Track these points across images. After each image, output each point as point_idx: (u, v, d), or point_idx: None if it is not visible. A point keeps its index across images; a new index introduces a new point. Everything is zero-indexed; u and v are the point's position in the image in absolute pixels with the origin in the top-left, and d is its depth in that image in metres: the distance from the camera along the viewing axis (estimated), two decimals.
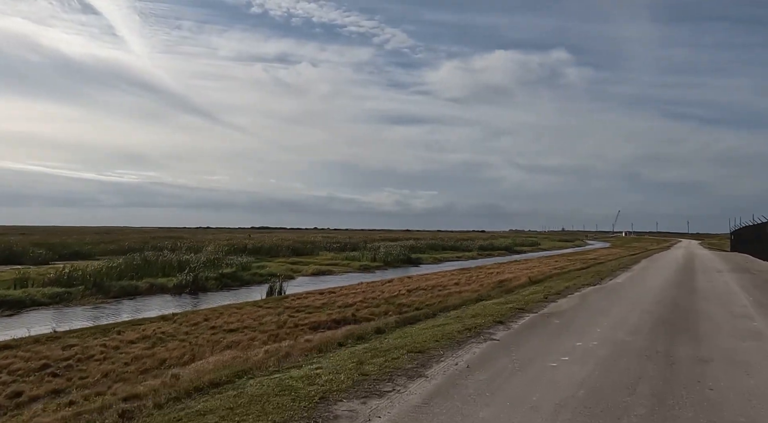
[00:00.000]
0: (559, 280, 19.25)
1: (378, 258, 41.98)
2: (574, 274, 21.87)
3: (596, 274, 21.54)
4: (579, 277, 19.80)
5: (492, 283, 21.26)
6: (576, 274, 22.14)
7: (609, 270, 24.45)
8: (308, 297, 17.30)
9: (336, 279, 31.21)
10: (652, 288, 16.40)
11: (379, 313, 13.12)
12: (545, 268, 29.27)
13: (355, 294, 17.75)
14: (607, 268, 25.08)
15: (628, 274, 21.86)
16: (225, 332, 10.76)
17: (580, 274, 22.18)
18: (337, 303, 15.33)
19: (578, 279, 18.92)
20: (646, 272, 23.51)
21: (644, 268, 26.18)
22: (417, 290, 18.84)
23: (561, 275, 21.78)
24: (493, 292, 17.38)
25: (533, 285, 18.01)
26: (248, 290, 24.82)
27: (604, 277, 20.07)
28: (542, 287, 16.45)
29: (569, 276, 21.21)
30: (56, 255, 38.88)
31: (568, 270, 25.55)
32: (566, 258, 43.32)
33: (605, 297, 13.78)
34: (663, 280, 19.25)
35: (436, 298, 16.16)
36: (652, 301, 12.76)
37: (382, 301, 15.50)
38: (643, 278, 20.28)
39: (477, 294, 16.23)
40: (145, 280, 23.30)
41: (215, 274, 26.00)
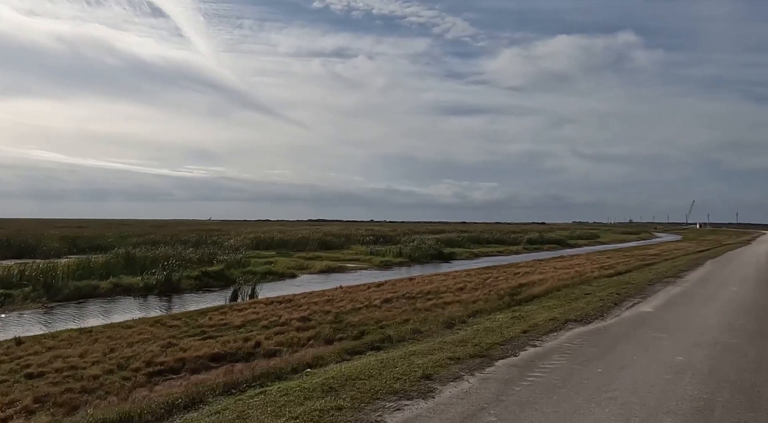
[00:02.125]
0: (583, 287, 14.66)
1: (404, 253, 37.87)
2: (597, 286, 16.79)
3: (624, 286, 15.22)
4: (599, 291, 14.38)
5: (507, 288, 16.76)
6: (597, 286, 17.24)
7: (658, 274, 19.00)
8: (255, 306, 13.56)
9: (345, 277, 27.46)
10: (702, 329, 9.40)
11: (296, 342, 9.19)
12: (588, 267, 24.21)
13: (314, 303, 13.84)
14: (643, 277, 18.61)
15: (674, 290, 14.91)
16: None
17: (599, 287, 17.02)
18: (271, 318, 11.50)
19: (596, 294, 13.99)
20: (705, 285, 16.38)
21: (704, 278, 18.63)
22: (398, 299, 14.70)
23: (586, 282, 16.92)
24: (500, 302, 13.05)
25: (545, 298, 13.54)
26: (228, 292, 21.54)
27: (633, 293, 13.92)
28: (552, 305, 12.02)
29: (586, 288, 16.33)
30: (74, 249, 37.48)
31: (605, 271, 20.49)
32: (622, 253, 37.51)
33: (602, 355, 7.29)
34: (733, 304, 12.45)
35: (406, 314, 11.97)
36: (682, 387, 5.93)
37: (329, 318, 11.49)
38: (699, 297, 13.63)
39: (471, 310, 11.97)
40: (110, 279, 20.40)
41: (197, 273, 22.87)
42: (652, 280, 17.55)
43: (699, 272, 21.17)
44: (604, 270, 21.75)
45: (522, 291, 16.06)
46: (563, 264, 27.81)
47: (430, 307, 12.83)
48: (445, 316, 10.39)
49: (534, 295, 13.62)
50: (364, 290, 16.98)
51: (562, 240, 62.62)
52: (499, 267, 26.96)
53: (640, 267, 22.45)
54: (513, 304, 12.86)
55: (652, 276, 18.75)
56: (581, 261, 30.53)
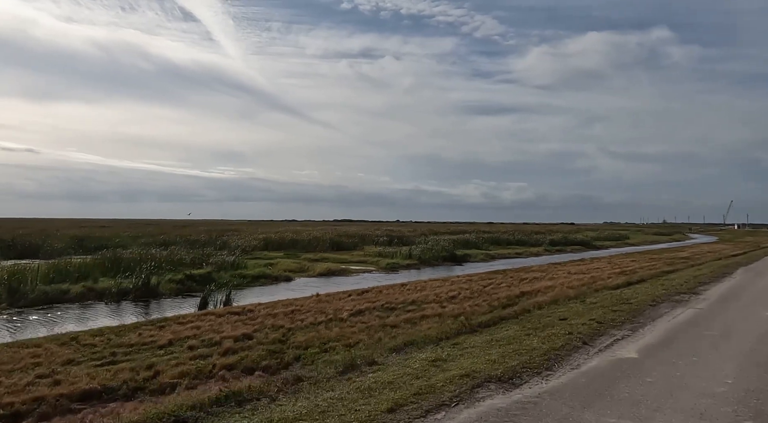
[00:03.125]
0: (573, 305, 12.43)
1: (413, 255, 35.88)
2: (588, 303, 14.40)
3: (619, 306, 11.46)
4: (586, 312, 11.07)
5: (503, 299, 14.71)
6: (601, 300, 14.88)
7: (671, 288, 15.27)
8: (203, 319, 11.85)
9: (346, 281, 25.74)
10: (705, 404, 5.62)
11: (207, 371, 7.43)
12: (605, 273, 21.85)
13: (273, 316, 12.05)
14: (661, 287, 15.39)
15: (683, 316, 10.93)
16: None
17: (601, 305, 14.56)
18: (208, 335, 9.76)
19: (594, 313, 11.05)
20: (728, 308, 12.18)
21: (729, 294, 14.50)
22: (372, 311, 12.81)
23: (584, 295, 14.58)
24: (482, 318, 11.07)
25: (514, 322, 11.43)
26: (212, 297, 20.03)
27: (623, 320, 10.19)
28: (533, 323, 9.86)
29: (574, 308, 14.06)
30: (80, 250, 36.75)
31: (619, 278, 18.14)
32: (648, 256, 34.71)
33: None
34: (765, 346, 8.40)
35: (367, 332, 10.07)
36: None
37: (275, 337, 9.66)
38: (715, 329, 9.59)
39: (440, 330, 10.08)
40: (82, 283, 19.08)
41: (181, 276, 21.42)
42: (660, 297, 13.59)
43: (724, 285, 17.04)
44: (620, 276, 19.41)
45: (519, 301, 14.00)
46: (579, 268, 25.44)
47: (401, 323, 10.92)
48: (402, 338, 8.46)
49: (523, 310, 11.52)
50: (343, 298, 15.15)
51: (588, 241, 59.52)
52: (509, 271, 24.76)
53: (658, 274, 19.68)
54: (482, 325, 10.77)
55: (662, 291, 14.82)
56: (601, 265, 28.06)
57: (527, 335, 8.57)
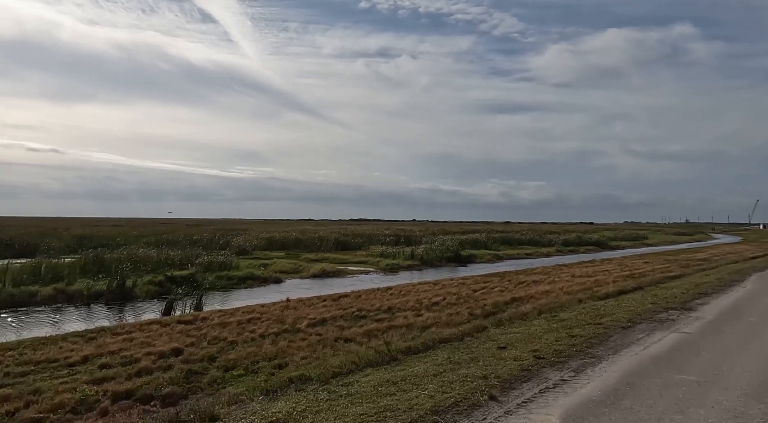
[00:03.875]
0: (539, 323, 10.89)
1: (416, 255, 34.47)
2: (558, 321, 12.71)
3: (587, 328, 9.07)
4: (543, 334, 8.50)
5: (489, 305, 13.29)
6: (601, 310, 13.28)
7: (663, 300, 12.51)
8: (145, 328, 10.67)
9: (341, 282, 24.51)
10: None
11: (95, 400, 6.20)
12: (612, 276, 20.19)
13: (225, 325, 10.81)
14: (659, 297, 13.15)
15: (661, 344, 8.20)
16: None
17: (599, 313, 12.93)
18: (132, 351, 8.54)
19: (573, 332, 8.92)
20: (724, 332, 9.21)
21: (731, 311, 11.33)
22: (339, 319, 11.49)
23: (564, 306, 12.96)
24: (447, 332, 9.71)
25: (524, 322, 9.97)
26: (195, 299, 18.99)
27: (576, 352, 7.55)
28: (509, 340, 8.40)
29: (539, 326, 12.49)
30: (78, 249, 36.12)
31: (623, 283, 16.51)
32: (663, 258, 32.75)
33: None
34: None
35: (312, 347, 8.76)
36: None
37: (207, 353, 8.39)
38: (699, 370, 6.73)
39: (397, 345, 8.76)
40: (53, 285, 18.12)
41: (161, 278, 20.37)
42: (643, 314, 10.80)
43: (729, 297, 13.75)
44: (627, 280, 17.77)
45: (505, 309, 12.56)
46: (586, 270, 23.76)
47: (358, 337, 9.57)
48: (340, 359, 7.12)
49: (491, 325, 10.07)
50: (314, 304, 13.87)
51: (603, 242, 57.29)
52: (509, 273, 23.23)
53: (661, 280, 17.71)
54: (411, 351, 9.40)
55: (649, 305, 11.85)
56: (610, 267, 26.31)
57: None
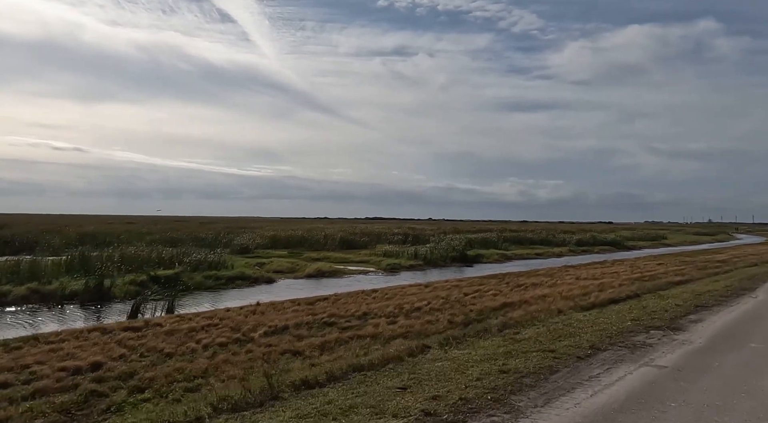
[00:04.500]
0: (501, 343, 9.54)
1: (419, 255, 33.23)
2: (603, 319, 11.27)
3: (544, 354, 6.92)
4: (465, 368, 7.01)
5: (475, 311, 12.07)
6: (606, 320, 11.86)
7: (652, 315, 10.21)
8: (80, 336, 9.67)
9: (338, 282, 23.48)
10: None
11: None
12: (620, 279, 18.73)
13: (170, 334, 9.78)
14: None
15: (621, 386, 5.83)
16: None
17: None
18: (45, 365, 7.55)
19: None
20: (712, 371, 6.50)
21: (729, 333, 8.93)
22: (302, 326, 10.35)
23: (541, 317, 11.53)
24: (413, 343, 8.54)
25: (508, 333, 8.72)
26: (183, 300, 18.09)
27: None
28: None
29: None
30: (78, 246, 35.63)
31: (623, 288, 15.07)
32: (680, 259, 30.97)
33: None
34: None
35: (243, 364, 7.65)
36: None
37: (121, 373, 7.36)
38: None
39: (351, 361, 7.61)
40: (29, 284, 17.34)
41: (143, 278, 19.50)
42: (616, 335, 8.49)
43: (733, 312, 10.96)
44: (633, 284, 16.34)
45: (491, 316, 11.32)
46: (593, 272, 22.28)
47: (308, 350, 8.44)
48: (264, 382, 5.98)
49: (459, 337, 8.83)
50: (285, 309, 12.79)
51: (619, 241, 55.25)
52: (510, 275, 21.87)
53: (662, 287, 15.99)
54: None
55: (629, 322, 9.60)
56: (622, 268, 24.76)
57: None
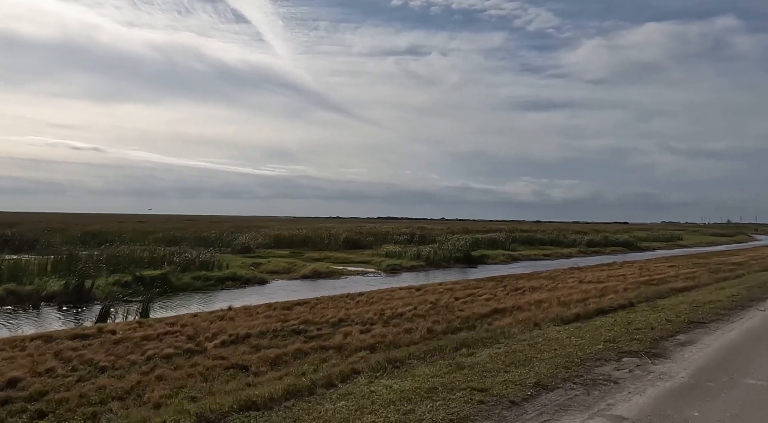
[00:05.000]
0: None
1: (422, 256, 32.28)
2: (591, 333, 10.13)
3: None
4: None
5: (463, 319, 11.14)
6: None
7: (633, 333, 8.60)
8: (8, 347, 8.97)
9: (328, 285, 22.68)
10: None
11: None
12: (626, 283, 17.62)
13: (116, 344, 9.02)
14: None
15: None
16: None
17: None
18: None
19: None
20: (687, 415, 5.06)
21: (742, 347, 7.89)
22: (262, 336, 9.51)
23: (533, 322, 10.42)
24: (368, 360, 7.66)
25: None
26: (169, 301, 17.46)
27: None
28: None
29: None
30: (79, 245, 35.32)
31: (624, 294, 13.95)
32: (693, 261, 29.57)
33: None
34: None
35: (183, 381, 6.83)
36: None
37: (36, 392, 6.63)
38: None
39: (290, 382, 6.74)
40: (5, 285, 16.77)
41: (128, 278, 18.87)
42: (580, 363, 6.92)
43: (732, 331, 9.14)
44: (638, 288, 15.25)
45: (477, 325, 10.40)
46: (599, 275, 21.13)
47: (258, 364, 7.59)
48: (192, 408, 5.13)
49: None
50: (258, 314, 11.95)
51: (631, 242, 53.62)
52: (509, 277, 20.81)
53: (662, 295, 14.58)
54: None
55: (601, 346, 7.86)
56: (630, 270, 23.56)
57: None
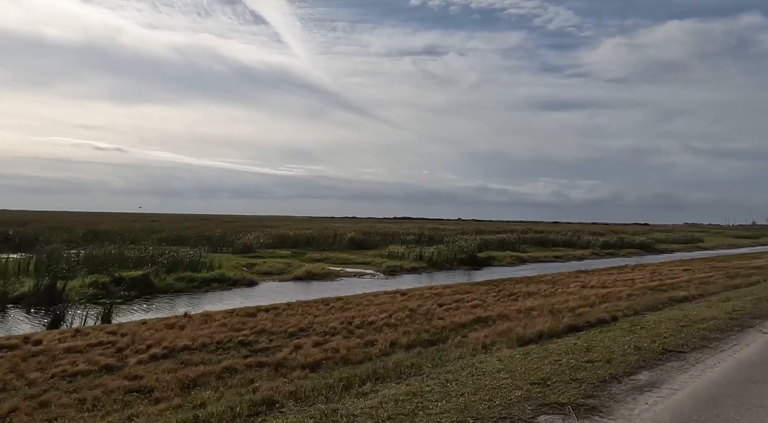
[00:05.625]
0: None
1: (424, 257, 31.06)
2: None
3: None
4: None
5: (438, 329, 9.97)
6: None
7: (595, 363, 6.79)
8: None
9: (320, 287, 21.68)
10: None
11: None
12: (631, 289, 16.21)
13: (23, 359, 8.08)
14: None
15: None
16: None
17: None
18: None
19: None
20: None
21: (728, 390, 5.50)
22: (185, 352, 8.49)
23: None
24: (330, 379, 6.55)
25: None
26: (144, 303, 16.64)
27: None
28: None
29: None
30: (82, 243, 34.93)
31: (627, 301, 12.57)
32: (710, 264, 27.81)
33: None
34: None
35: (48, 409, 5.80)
36: None
37: None
38: None
39: None
40: None
41: (105, 279, 18.06)
42: None
43: (720, 364, 6.63)
44: (639, 297, 13.86)
45: (451, 336, 9.21)
46: (606, 279, 19.68)
47: (194, 380, 6.54)
48: None
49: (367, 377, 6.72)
50: (216, 320, 10.94)
51: (648, 244, 51.51)
52: (510, 281, 19.51)
53: (665, 302, 13.03)
54: None
55: (540, 379, 5.64)
56: (641, 274, 22.04)
57: None
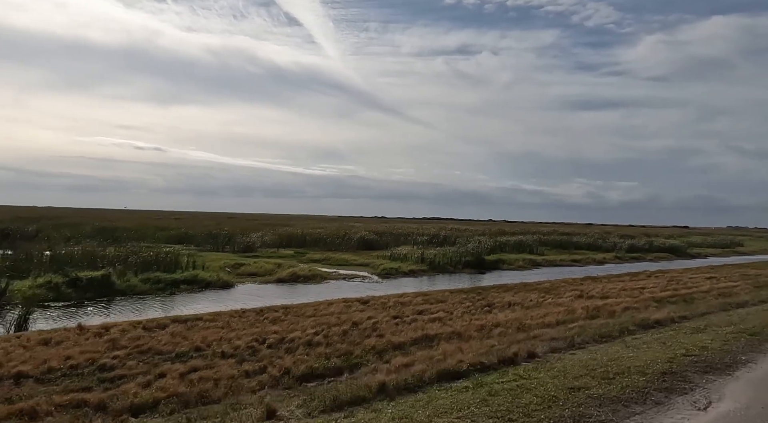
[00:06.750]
0: None
1: (425, 259, 29.03)
2: None
3: None
4: None
5: (368, 348, 8.11)
6: None
7: None
8: None
9: (306, 290, 20.17)
10: None
11: None
12: (631, 301, 13.93)
13: None
14: None
15: None
16: None
17: None
18: None
19: None
20: None
21: None
22: (50, 378, 6.90)
23: None
24: None
25: None
26: (76, 310, 15.31)
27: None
28: None
29: None
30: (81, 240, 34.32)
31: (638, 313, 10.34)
32: (741, 272, 24.93)
33: None
34: None
35: None
36: None
37: None
38: None
39: None
40: None
41: (59, 280, 16.84)
42: None
43: None
44: (641, 311, 11.64)
45: (379, 359, 7.35)
46: (612, 287, 17.31)
47: None
48: None
49: None
50: (107, 334, 9.38)
51: (680, 248, 47.80)
52: (500, 287, 17.39)
53: (664, 321, 10.52)
54: None
55: None
56: (656, 282, 19.56)
57: None
